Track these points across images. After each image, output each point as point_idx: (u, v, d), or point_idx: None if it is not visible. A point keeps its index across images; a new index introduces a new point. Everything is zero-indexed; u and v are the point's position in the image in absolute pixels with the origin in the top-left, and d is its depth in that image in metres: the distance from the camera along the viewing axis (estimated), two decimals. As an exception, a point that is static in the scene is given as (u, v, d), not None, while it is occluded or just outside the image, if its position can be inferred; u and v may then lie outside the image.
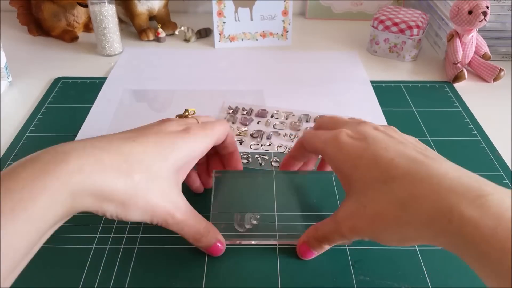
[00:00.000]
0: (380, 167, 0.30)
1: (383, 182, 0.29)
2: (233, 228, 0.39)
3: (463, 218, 0.25)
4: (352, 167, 0.32)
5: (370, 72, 0.68)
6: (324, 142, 0.35)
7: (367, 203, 0.30)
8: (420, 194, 0.27)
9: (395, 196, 0.28)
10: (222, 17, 0.73)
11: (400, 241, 0.30)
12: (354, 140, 0.33)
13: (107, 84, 0.63)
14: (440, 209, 0.26)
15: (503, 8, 0.67)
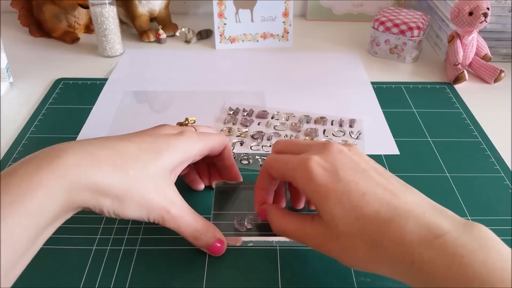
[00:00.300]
0: (352, 202, 0.31)
1: (356, 218, 0.31)
2: (234, 228, 0.39)
3: (423, 259, 0.27)
4: (323, 198, 0.32)
5: (370, 73, 0.69)
6: (293, 170, 0.34)
7: (340, 235, 0.31)
8: (388, 237, 0.29)
9: (366, 235, 0.30)
10: (222, 19, 0.73)
11: (364, 269, 0.32)
12: (324, 170, 0.33)
13: (108, 85, 0.63)
14: (404, 252, 0.28)
15: (504, 9, 0.67)
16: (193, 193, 0.44)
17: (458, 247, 0.27)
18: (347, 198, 0.31)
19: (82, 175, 0.29)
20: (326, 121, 0.56)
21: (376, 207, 0.30)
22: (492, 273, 0.25)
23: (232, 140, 0.52)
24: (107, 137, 0.33)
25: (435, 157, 0.51)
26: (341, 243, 0.31)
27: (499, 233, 0.41)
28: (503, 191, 0.46)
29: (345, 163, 0.33)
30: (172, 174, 0.36)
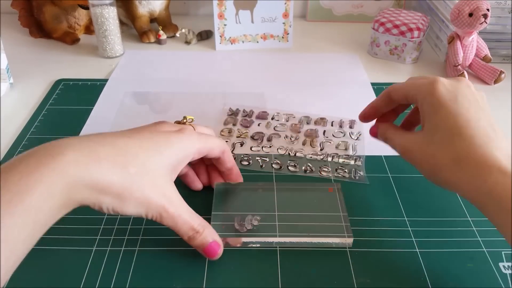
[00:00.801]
0: (456, 122, 0.35)
1: (451, 134, 0.35)
2: (234, 229, 0.39)
3: (497, 182, 0.32)
4: (434, 111, 0.37)
5: (370, 74, 0.69)
6: (419, 87, 0.39)
7: (431, 142, 0.36)
8: (474, 157, 0.34)
9: (455, 150, 0.35)
10: (223, 19, 0.73)
11: (435, 180, 0.37)
12: (447, 91, 0.37)
13: (108, 86, 0.63)
14: (482, 171, 0.33)
15: (504, 11, 0.67)
16: (193, 194, 0.44)
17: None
18: (454, 118, 0.35)
19: (82, 172, 0.29)
20: (326, 122, 0.56)
21: (473, 132, 0.35)
22: None
23: (232, 141, 0.52)
24: (107, 133, 0.33)
25: (435, 158, 0.51)
26: (430, 150, 0.36)
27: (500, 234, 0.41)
28: (503, 192, 0.46)
29: (467, 94, 0.37)
30: (172, 173, 0.36)
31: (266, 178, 0.47)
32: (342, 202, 0.42)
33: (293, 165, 0.49)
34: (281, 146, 0.52)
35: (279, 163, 0.49)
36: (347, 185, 0.46)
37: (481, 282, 0.37)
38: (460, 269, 0.38)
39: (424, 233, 0.41)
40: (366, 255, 0.39)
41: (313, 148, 0.52)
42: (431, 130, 0.37)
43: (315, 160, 0.50)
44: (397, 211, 0.43)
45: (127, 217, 0.42)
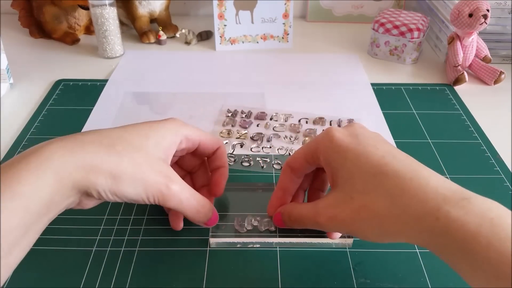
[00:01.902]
0: (371, 161, 0.31)
1: (373, 175, 0.30)
2: (234, 229, 0.40)
3: (450, 217, 0.26)
4: (342, 159, 0.32)
5: (370, 74, 0.69)
6: (315, 143, 0.35)
7: (354, 194, 0.31)
8: (410, 192, 0.28)
9: (385, 189, 0.29)
10: (223, 20, 0.73)
11: (379, 236, 0.31)
12: (345, 136, 0.34)
13: (108, 86, 0.63)
14: (427, 207, 0.27)
15: (504, 11, 0.67)
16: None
17: (486, 210, 0.26)
18: (366, 158, 0.31)
19: (68, 156, 0.28)
20: (324, 122, 0.56)
21: (396, 167, 0.30)
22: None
23: (232, 142, 0.52)
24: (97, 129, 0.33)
25: (435, 158, 0.51)
26: (355, 203, 0.31)
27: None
28: (503, 193, 0.46)
29: (364, 133, 0.34)
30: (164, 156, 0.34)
31: (267, 178, 0.47)
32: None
33: (293, 165, 0.49)
34: (281, 146, 0.52)
35: (280, 163, 0.49)
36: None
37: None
38: (460, 270, 0.38)
39: (424, 233, 0.41)
40: (366, 255, 0.39)
41: (313, 149, 0.52)
42: (348, 180, 0.32)
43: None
44: (397, 212, 0.43)
45: (127, 217, 0.42)
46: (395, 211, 0.29)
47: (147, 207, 0.43)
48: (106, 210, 0.43)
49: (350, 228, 0.32)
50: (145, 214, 0.42)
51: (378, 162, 0.31)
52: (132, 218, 0.42)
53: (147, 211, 0.43)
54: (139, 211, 0.43)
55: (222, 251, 0.39)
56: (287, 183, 0.38)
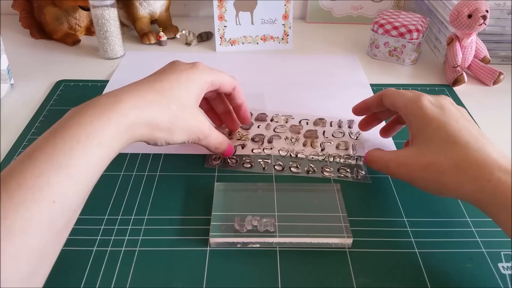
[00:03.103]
0: (448, 131, 0.38)
1: (447, 142, 0.37)
2: (234, 229, 0.40)
3: (499, 180, 0.33)
4: (425, 124, 0.39)
5: (370, 75, 0.69)
6: (407, 100, 0.42)
7: (426, 152, 0.38)
8: (473, 158, 0.35)
9: (453, 154, 0.36)
10: (223, 21, 0.73)
11: (438, 190, 0.38)
12: (433, 106, 0.40)
13: (108, 87, 0.64)
14: (483, 172, 0.34)
15: (503, 12, 0.67)
16: (193, 194, 0.45)
17: None
18: (446, 127, 0.38)
19: (140, 115, 0.36)
20: (325, 123, 0.56)
21: (468, 139, 0.37)
22: None
23: (233, 143, 0.53)
24: (142, 81, 0.40)
25: (434, 159, 0.51)
26: (426, 160, 0.38)
27: (499, 235, 0.41)
28: (502, 193, 0.46)
29: (452, 108, 0.40)
30: (198, 102, 0.43)
31: (268, 179, 0.47)
32: (341, 203, 0.42)
33: (295, 166, 0.49)
34: (282, 147, 0.52)
35: (281, 164, 0.49)
36: (347, 185, 0.46)
37: (480, 282, 0.37)
38: (459, 270, 0.38)
39: (423, 233, 0.41)
40: (366, 255, 0.39)
41: (314, 149, 0.52)
42: (425, 142, 0.39)
43: (316, 160, 0.50)
44: (397, 212, 0.43)
45: (127, 217, 0.42)
46: (457, 170, 0.35)
47: (147, 207, 0.43)
48: (106, 210, 0.43)
49: (415, 178, 0.39)
50: (146, 214, 0.42)
51: (454, 133, 0.37)
52: (132, 218, 0.42)
53: (147, 211, 0.43)
54: (140, 211, 0.43)
55: (222, 251, 0.39)
56: (372, 104, 0.48)
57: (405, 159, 0.40)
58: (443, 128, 0.38)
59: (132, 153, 0.50)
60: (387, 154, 0.43)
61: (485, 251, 0.40)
